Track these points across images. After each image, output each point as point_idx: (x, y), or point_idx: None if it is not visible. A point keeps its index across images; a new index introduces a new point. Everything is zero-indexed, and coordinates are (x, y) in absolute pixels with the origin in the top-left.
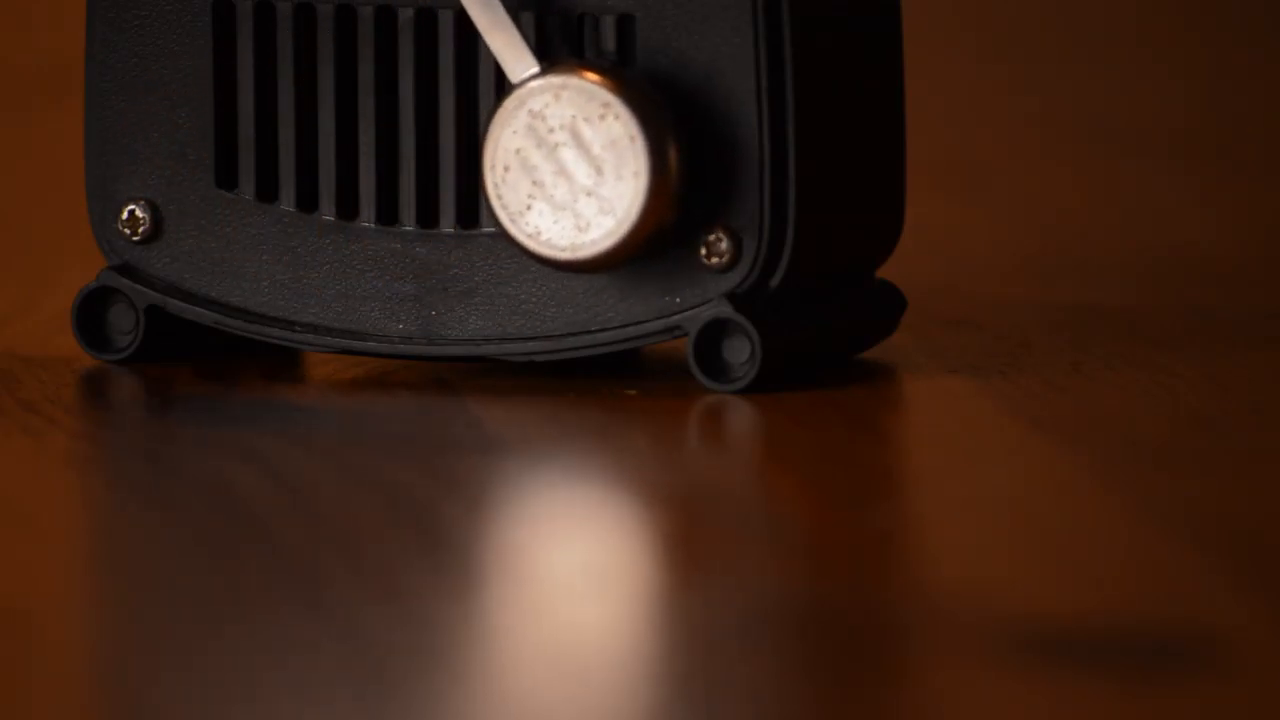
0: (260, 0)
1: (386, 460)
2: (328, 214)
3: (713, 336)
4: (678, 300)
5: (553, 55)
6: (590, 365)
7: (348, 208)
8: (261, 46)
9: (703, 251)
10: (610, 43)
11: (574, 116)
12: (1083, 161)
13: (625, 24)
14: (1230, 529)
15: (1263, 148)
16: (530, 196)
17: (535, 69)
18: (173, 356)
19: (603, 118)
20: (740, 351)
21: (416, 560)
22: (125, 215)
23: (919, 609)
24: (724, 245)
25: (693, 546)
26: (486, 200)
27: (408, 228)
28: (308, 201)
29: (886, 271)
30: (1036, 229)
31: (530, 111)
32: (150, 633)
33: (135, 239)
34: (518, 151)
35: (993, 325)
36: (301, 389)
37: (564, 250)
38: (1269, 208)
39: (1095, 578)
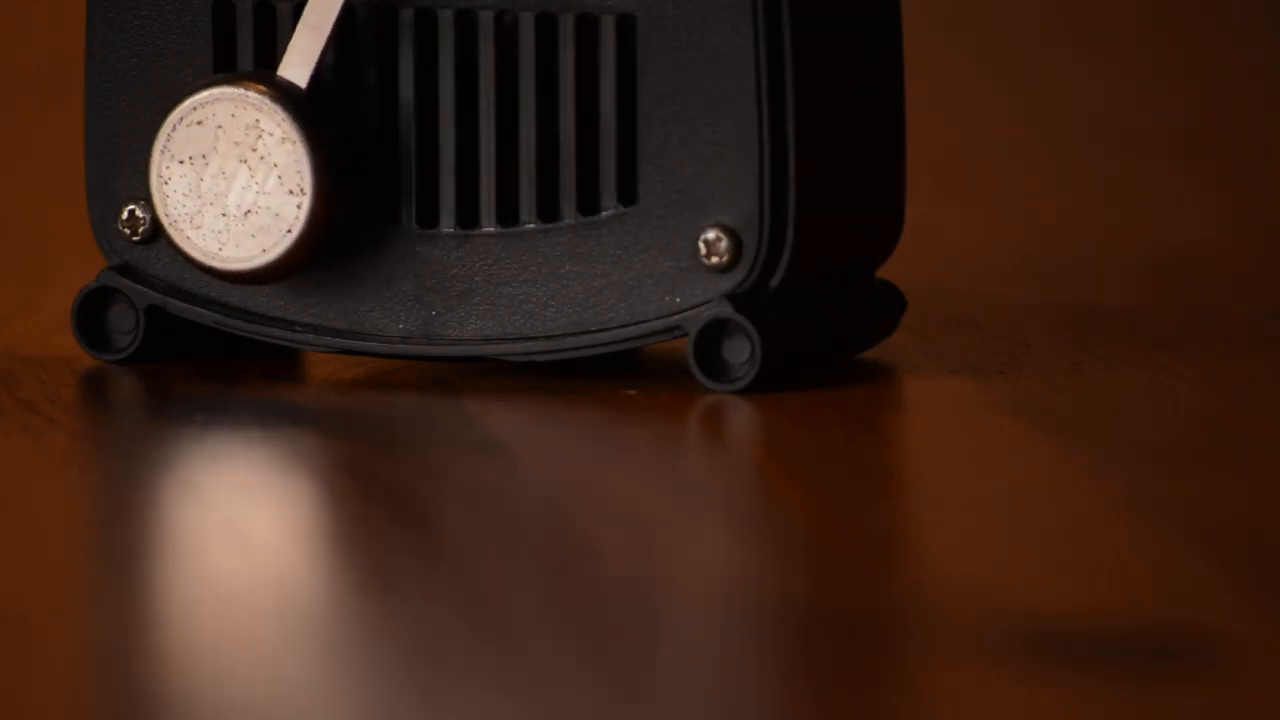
0: (260, 0)
1: (386, 460)
2: None
3: (713, 336)
4: (678, 300)
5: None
6: (590, 365)
7: None
8: (262, 46)
9: (703, 251)
10: (610, 42)
11: (276, 165)
12: (1083, 161)
13: (625, 24)
14: (1230, 529)
15: (1263, 148)
16: (191, 159)
17: (301, 85)
18: (173, 356)
19: (291, 194)
20: (740, 351)
21: (416, 560)
22: (125, 215)
23: (919, 609)
24: (724, 245)
25: (693, 546)
26: (162, 120)
27: (408, 228)
28: None
29: (886, 271)
30: (1036, 229)
31: (258, 122)
32: (149, 633)
33: (135, 239)
34: (219, 127)
35: (993, 325)
36: (301, 389)
37: (166, 218)
38: (1269, 208)
39: (1095, 577)
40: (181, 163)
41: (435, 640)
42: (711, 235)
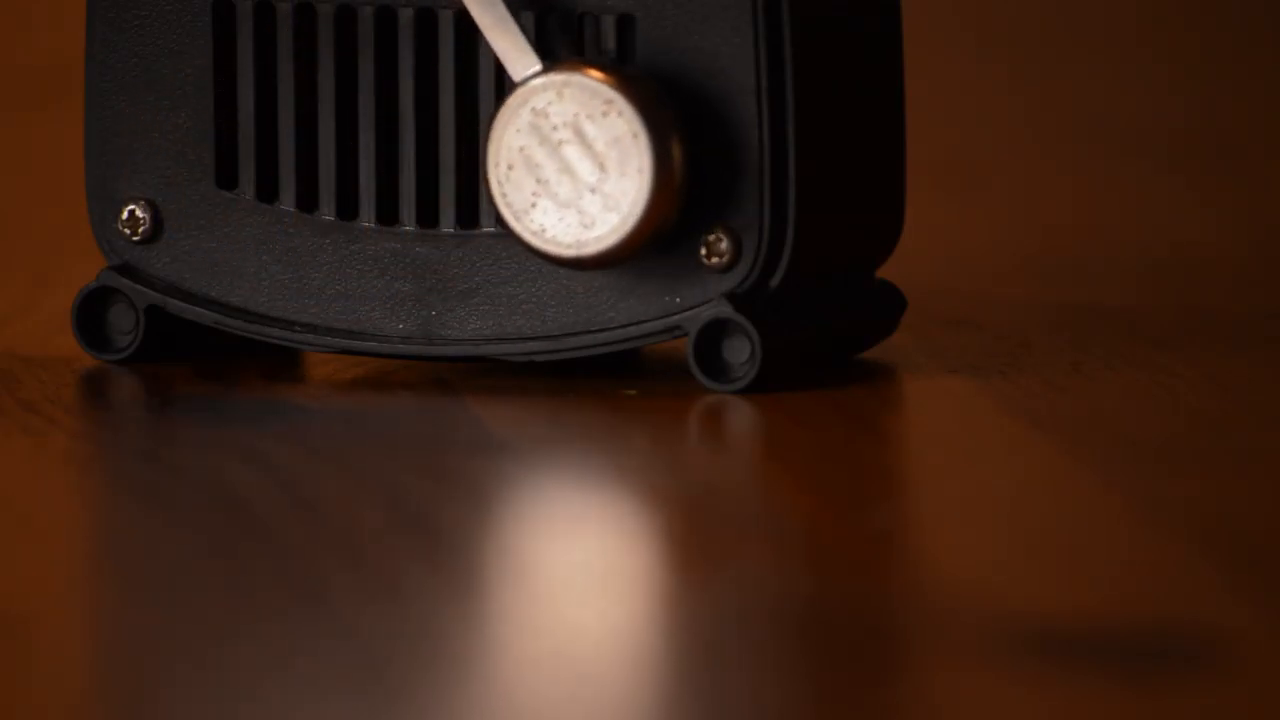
0: (260, 0)
1: (386, 460)
2: (328, 214)
3: (713, 336)
4: (678, 300)
5: (555, 54)
6: (590, 365)
7: (348, 208)
8: (261, 46)
9: (703, 251)
10: (610, 42)
11: (577, 114)
12: (1083, 161)
13: (625, 24)
14: (1230, 529)
15: (1263, 148)
16: (534, 194)
17: (538, 67)
18: (173, 356)
19: (605, 114)
20: (740, 351)
21: (417, 560)
22: (125, 215)
23: (919, 609)
24: (724, 245)
25: (693, 546)
26: (490, 198)
27: (408, 228)
28: (308, 201)
29: (886, 271)
30: (1036, 229)
31: (533, 109)
32: (150, 633)
33: (135, 239)
34: (521, 149)
35: (993, 325)
36: (301, 389)
37: (569, 247)
38: (1269, 208)
39: (1095, 578)
40: (534, 205)
41: (435, 641)
42: (711, 235)
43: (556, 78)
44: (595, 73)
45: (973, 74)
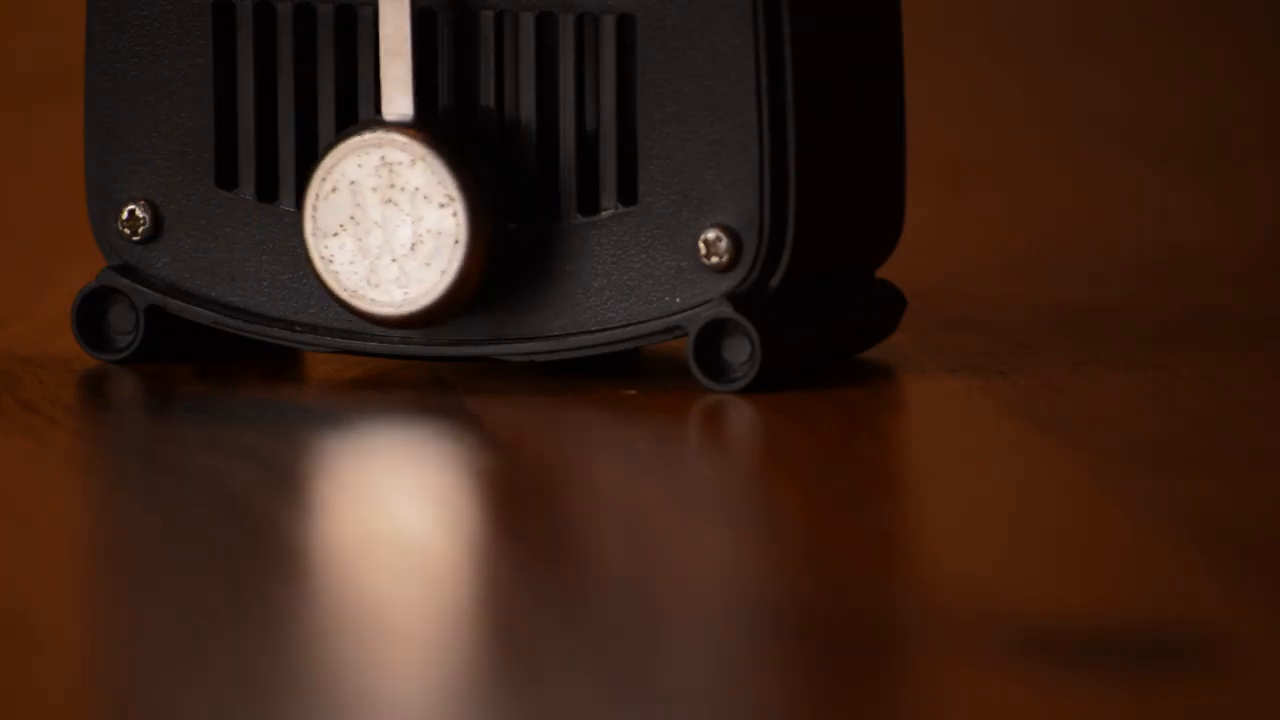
0: (260, 0)
1: (386, 460)
2: None
3: (713, 336)
4: (678, 300)
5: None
6: (590, 365)
7: None
8: (261, 46)
9: (703, 251)
10: (610, 42)
11: (419, 188)
12: (1083, 161)
13: (625, 24)
14: (1230, 529)
15: (1262, 148)
16: (343, 226)
17: (409, 115)
18: (173, 356)
19: (443, 206)
20: (740, 351)
21: (417, 560)
22: (125, 215)
23: (919, 609)
24: (724, 245)
25: (693, 546)
26: (300, 204)
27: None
28: None
29: (886, 271)
30: (1036, 229)
31: (384, 158)
32: (149, 633)
33: (135, 239)
34: (353, 183)
35: (993, 325)
36: (301, 389)
37: (345, 290)
38: (1269, 208)
39: (1095, 578)
40: (336, 235)
41: (436, 640)
42: (711, 235)
43: (418, 148)
44: (448, 159)
45: (973, 74)
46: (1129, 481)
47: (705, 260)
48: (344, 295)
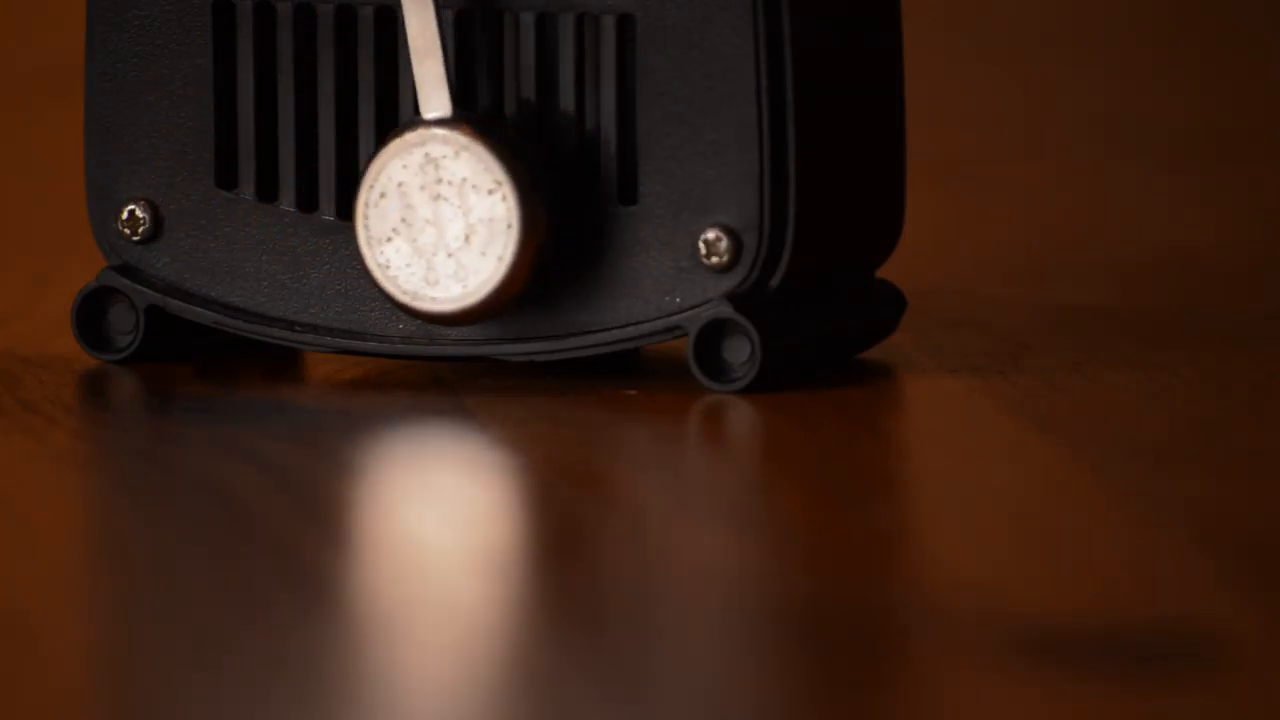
0: (260, 0)
1: (386, 460)
2: (328, 214)
3: (713, 336)
4: (678, 300)
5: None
6: (590, 365)
7: (347, 208)
8: (261, 46)
9: (703, 251)
10: (610, 42)
11: (465, 179)
12: (1083, 161)
13: (625, 24)
14: (1230, 529)
15: (1263, 148)
16: (395, 230)
17: (448, 113)
18: (173, 356)
19: (491, 193)
20: (740, 351)
21: (417, 560)
22: (125, 215)
23: (919, 609)
24: (724, 245)
25: (693, 546)
26: (350, 216)
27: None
28: (308, 201)
29: (886, 271)
30: (1036, 229)
31: (428, 155)
32: (149, 633)
33: (135, 239)
34: (400, 185)
35: (993, 325)
36: (301, 389)
37: (405, 293)
38: (1269, 208)
39: (1095, 578)
40: (390, 240)
41: (435, 640)
42: (711, 235)
43: (460, 138)
44: (495, 147)
45: (973, 74)
46: (1129, 481)
47: (705, 260)
48: (405, 299)
